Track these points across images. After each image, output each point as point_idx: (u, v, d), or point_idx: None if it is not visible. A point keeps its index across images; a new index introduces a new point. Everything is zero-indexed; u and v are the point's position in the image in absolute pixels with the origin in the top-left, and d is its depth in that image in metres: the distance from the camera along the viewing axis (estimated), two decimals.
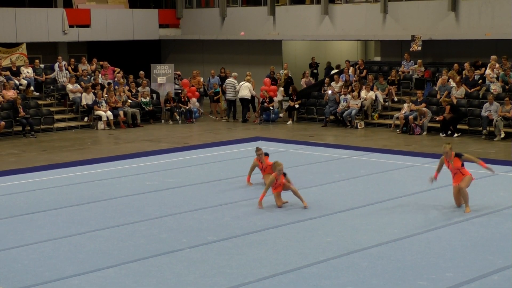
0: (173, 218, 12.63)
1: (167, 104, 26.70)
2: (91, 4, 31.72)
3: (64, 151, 20.54)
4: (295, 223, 12.18)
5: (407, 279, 9.42)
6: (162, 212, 13.03)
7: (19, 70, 26.42)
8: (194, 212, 13.05)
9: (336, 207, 13.25)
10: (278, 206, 13.37)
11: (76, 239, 11.40)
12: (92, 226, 12.16)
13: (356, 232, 11.59)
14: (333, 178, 15.92)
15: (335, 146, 20.49)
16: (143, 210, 13.25)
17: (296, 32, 30.02)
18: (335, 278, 9.48)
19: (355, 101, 24.68)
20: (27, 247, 11.01)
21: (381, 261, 10.12)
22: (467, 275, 9.50)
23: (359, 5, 28.49)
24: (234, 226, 12.02)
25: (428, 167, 17.15)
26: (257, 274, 9.64)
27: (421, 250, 10.61)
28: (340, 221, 12.36)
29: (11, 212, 13.18)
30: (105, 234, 11.71)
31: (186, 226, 12.12)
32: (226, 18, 32.27)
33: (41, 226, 12.22)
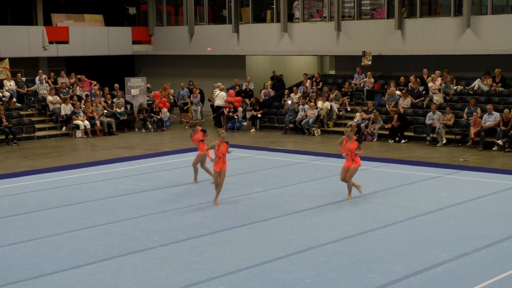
0: (145, 219, 12.54)
1: (140, 114, 26.53)
2: (69, 22, 31.45)
3: (44, 158, 20.28)
4: (258, 222, 12.18)
5: (360, 272, 9.47)
6: (136, 213, 12.93)
7: (2, 83, 26.04)
8: (165, 213, 12.97)
9: (295, 207, 13.27)
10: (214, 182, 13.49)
11: (56, 239, 11.26)
12: (71, 226, 12.02)
13: (314, 230, 11.63)
14: (292, 180, 15.95)
15: (294, 152, 20.54)
16: (118, 211, 13.14)
17: (258, 48, 30.06)
18: (295, 272, 9.50)
19: (312, 111, 24.77)
20: (10, 247, 10.84)
21: (336, 256, 10.16)
22: (413, 268, 9.58)
23: (315, 24, 28.64)
24: (202, 226, 11.98)
25: (379, 170, 17.29)
26: (223, 270, 9.61)
27: (372, 246, 10.68)
28: (299, 220, 12.39)
29: None
30: (83, 234, 11.58)
31: (158, 226, 12.04)
32: (194, 35, 32.20)
33: (23, 227, 12.04)
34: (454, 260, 9.90)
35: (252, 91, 28.02)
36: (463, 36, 24.45)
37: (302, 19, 28.93)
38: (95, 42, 31.41)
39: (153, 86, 28.98)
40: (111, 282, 9.18)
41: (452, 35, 24.72)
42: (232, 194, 14.55)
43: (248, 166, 18.14)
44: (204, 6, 32.28)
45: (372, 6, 27.19)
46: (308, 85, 26.82)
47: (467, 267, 9.62)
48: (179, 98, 28.53)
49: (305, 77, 27.39)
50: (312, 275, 9.34)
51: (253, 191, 14.88)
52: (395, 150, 20.77)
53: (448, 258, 10.02)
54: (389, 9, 26.44)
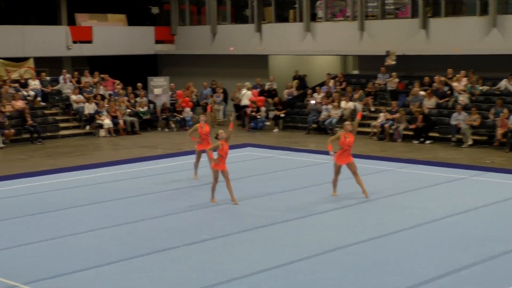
0: (168, 218, 12.55)
1: (163, 113, 26.60)
2: (93, 22, 31.61)
3: (67, 157, 20.40)
4: (282, 223, 12.13)
5: (384, 274, 9.38)
6: (158, 213, 12.94)
7: (27, 82, 26.25)
8: (187, 212, 12.98)
9: (319, 208, 13.21)
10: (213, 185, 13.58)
11: (78, 238, 11.31)
12: (93, 225, 12.06)
13: (338, 231, 11.55)
14: (315, 181, 15.87)
15: (317, 152, 20.45)
16: (140, 211, 13.16)
17: (281, 48, 29.99)
18: (319, 273, 9.44)
19: (336, 111, 24.66)
20: (32, 245, 10.91)
21: (360, 258, 10.08)
22: (438, 271, 9.47)
23: (338, 23, 28.51)
24: (226, 226, 11.95)
25: (402, 171, 17.16)
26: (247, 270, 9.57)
27: (396, 248, 10.58)
28: (323, 220, 12.33)
29: (18, 213, 13.06)
30: (105, 233, 11.62)
31: (181, 225, 12.04)
32: (217, 34, 32.21)
33: (45, 226, 12.13)
34: (480, 264, 9.77)
35: (276, 90, 27.96)
36: (489, 36, 24.18)
37: (325, 18, 28.81)
38: (118, 42, 31.56)
39: (175, 86, 29.03)
40: (133, 282, 9.18)
41: (477, 35, 24.46)
42: (255, 194, 14.51)
43: (270, 166, 18.10)
44: (226, 5, 32.30)
45: (396, 5, 27.00)
46: (331, 85, 26.71)
47: (493, 271, 9.49)
48: (201, 97, 28.57)
49: (328, 77, 27.29)
50: (336, 277, 9.27)
51: (276, 191, 14.83)
52: (419, 151, 20.60)
53: (474, 261, 9.89)
54: (414, 8, 26.23)
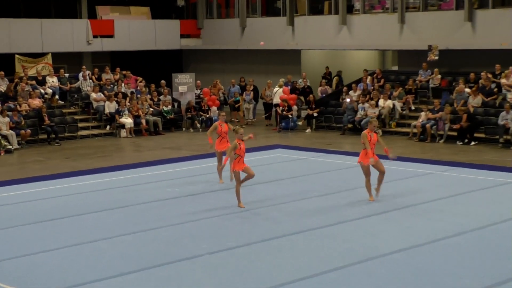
0: (193, 224, 12.60)
1: (188, 112, 26.73)
2: (115, 15, 31.84)
3: (87, 159, 20.60)
4: (314, 230, 12.09)
5: (424, 286, 9.30)
6: (183, 218, 13.00)
7: (45, 79, 26.55)
8: (214, 218, 13.01)
9: (354, 214, 13.16)
10: (238, 181, 13.69)
11: (99, 244, 11.40)
12: (114, 231, 12.16)
13: (374, 239, 11.49)
14: (351, 185, 15.80)
15: (353, 154, 20.31)
16: (164, 216, 13.24)
17: (315, 42, 29.94)
18: (353, 284, 9.39)
19: (373, 110, 24.55)
20: (51, 252, 11.02)
21: (398, 268, 10.01)
22: (484, 282, 9.37)
23: (377, 16, 28.38)
24: (253, 232, 11.97)
25: (445, 174, 17.02)
26: (276, 280, 9.57)
27: (438, 257, 10.49)
28: (358, 227, 12.27)
29: (36, 218, 13.22)
30: (127, 239, 11.70)
31: (206, 232, 12.08)
32: (246, 28, 32.28)
33: (64, 232, 12.24)
34: None
35: (311, 88, 27.93)
36: None
37: (362, 10, 28.70)
38: (141, 36, 31.76)
39: (202, 83, 29.16)
40: None
41: None
42: (285, 199, 14.51)
43: (302, 169, 18.08)
44: None
45: None
46: (368, 82, 26.61)
47: None
48: (229, 95, 28.64)
49: (365, 73, 27.18)
50: None
51: (308, 196, 14.81)
52: (464, 153, 20.41)
53: None
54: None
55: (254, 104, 28.28)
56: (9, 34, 27.88)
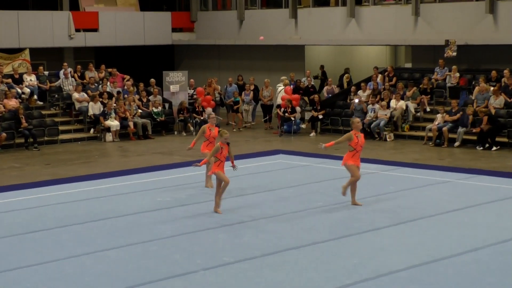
0: (186, 237, 12.63)
1: (181, 114, 26.78)
2: (99, 6, 31.92)
3: (69, 165, 20.64)
4: (319, 243, 12.13)
5: None
6: (175, 231, 13.03)
7: (22, 77, 26.58)
8: (208, 230, 13.04)
9: (362, 227, 13.19)
10: (212, 186, 14.43)
11: (82, 260, 11.41)
12: (99, 245, 12.18)
13: (385, 253, 11.53)
14: (359, 194, 15.80)
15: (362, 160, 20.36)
16: (154, 228, 13.27)
17: (320, 37, 30.00)
18: None
19: (384, 111, 24.61)
20: (29, 269, 11.03)
21: (412, 286, 10.05)
22: None
23: (389, 7, 28.45)
24: (253, 246, 12.00)
25: (464, 183, 17.06)
26: None
27: (456, 274, 10.53)
28: (367, 241, 12.31)
29: (12, 231, 13.23)
30: (113, 254, 11.72)
31: (201, 245, 12.12)
32: (244, 21, 32.35)
33: (44, 246, 12.26)
34: None
35: (315, 87, 27.98)
36: None
37: (372, 1, 28.79)
38: (129, 30, 31.83)
39: (196, 82, 29.22)
40: None
41: None
42: (287, 209, 14.55)
43: (306, 176, 18.12)
44: None
45: None
46: (379, 80, 26.66)
47: None
48: (226, 95, 28.70)
49: (375, 71, 27.24)
50: None
51: (312, 206, 14.85)
52: (484, 159, 20.46)
53: None
54: None
55: (254, 105, 28.34)
56: None
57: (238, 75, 29.76)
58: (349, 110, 25.99)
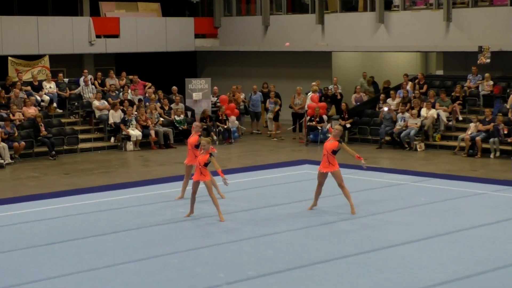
0: (209, 250, 12.60)
1: (203, 123, 26.80)
2: (121, 12, 32.06)
3: (89, 175, 20.71)
4: (346, 257, 12.06)
5: None
6: (197, 243, 13.01)
7: (41, 85, 26.76)
8: (232, 243, 13.01)
9: (392, 240, 13.10)
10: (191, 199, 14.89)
11: (101, 273, 11.43)
12: (119, 258, 12.19)
13: (418, 269, 11.43)
14: (388, 206, 15.75)
15: (391, 171, 20.31)
16: (175, 241, 13.26)
17: (348, 43, 29.94)
18: None
19: (414, 120, 24.48)
20: (47, 282, 11.06)
21: None
22: None
23: (419, 12, 28.33)
24: (278, 259, 11.95)
25: (498, 195, 16.91)
26: None
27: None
28: (397, 255, 12.21)
29: (30, 242, 13.29)
30: (133, 267, 11.72)
31: (224, 258, 12.08)
32: (269, 27, 32.36)
33: (62, 258, 12.29)
34: None
35: (342, 95, 27.92)
36: None
37: (402, 6, 28.68)
38: (151, 36, 31.94)
39: (219, 89, 29.26)
40: None
41: None
42: (313, 221, 14.49)
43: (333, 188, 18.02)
44: None
45: None
46: (409, 88, 26.54)
47: None
48: (250, 104, 28.71)
49: (405, 78, 27.12)
50: None
51: (340, 218, 14.78)
52: None
53: None
54: None
55: None
56: (1, 33, 28.11)
57: (263, 83, 29.76)
58: (378, 119, 25.89)
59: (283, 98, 28.81)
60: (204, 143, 14.50)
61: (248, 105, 28.86)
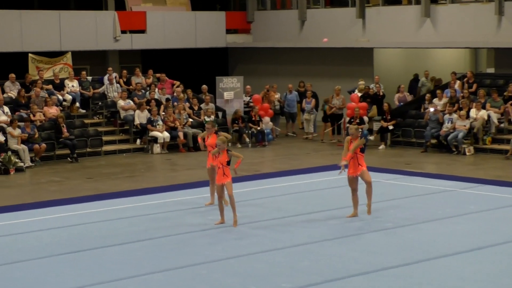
0: (239, 260, 12.62)
1: (235, 124, 26.85)
2: (147, 6, 32.22)
3: (113, 179, 20.83)
4: (389, 269, 12.00)
5: None
6: (227, 253, 13.03)
7: (63, 83, 26.97)
8: (264, 253, 13.01)
9: (438, 251, 13.02)
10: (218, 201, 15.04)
11: (125, 284, 11.49)
12: (144, 268, 12.24)
13: (466, 283, 11.34)
14: (435, 215, 15.66)
15: (437, 176, 20.19)
16: (204, 250, 13.28)
17: (390, 39, 29.84)
18: None
19: (463, 122, 24.32)
20: None
21: None
22: None
23: (468, 6, 28.15)
24: (313, 271, 11.93)
25: None
26: None
27: None
28: (444, 268, 12.14)
29: (50, 251, 13.39)
30: (159, 278, 11.76)
31: (255, 269, 12.09)
32: (306, 21, 32.35)
33: (84, 268, 12.36)
34: None
35: (384, 95, 27.83)
36: None
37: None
38: (179, 31, 32.06)
39: (252, 88, 29.29)
40: None
41: None
42: (352, 231, 14.45)
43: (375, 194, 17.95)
44: None
45: None
46: (457, 87, 26.38)
47: None
48: (285, 104, 28.71)
49: (453, 77, 26.98)
50: None
51: (381, 227, 14.72)
52: None
53: None
54: None
55: (315, 114, 28.30)
56: (21, 29, 28.40)
57: (299, 81, 29.74)
58: (423, 120, 25.76)
59: (320, 98, 28.78)
60: (219, 142, 14.65)
61: (283, 106, 28.85)
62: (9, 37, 28.02)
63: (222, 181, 14.72)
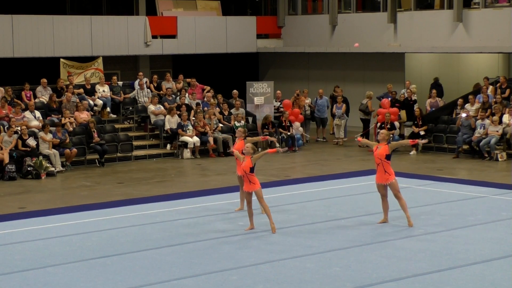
0: (270, 266, 12.62)
1: (265, 129, 26.87)
2: (178, 11, 32.34)
3: (143, 184, 20.93)
4: (419, 276, 11.95)
5: None
6: (258, 259, 13.04)
7: (94, 88, 27.15)
8: (296, 259, 13.01)
9: (470, 257, 12.95)
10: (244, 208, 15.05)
11: None
12: (174, 273, 12.29)
13: None
14: (467, 221, 15.58)
15: (469, 183, 20.08)
16: (235, 255, 13.30)
17: (422, 43, 29.73)
18: None
19: (495, 128, 24.18)
20: None
21: None
22: None
23: (502, 10, 27.97)
24: (344, 277, 11.92)
25: None
26: None
27: None
28: (475, 275, 12.07)
29: (81, 255, 13.47)
30: (190, 283, 11.79)
31: (287, 276, 12.08)
32: (337, 26, 32.31)
33: (115, 273, 12.42)
34: None
35: (416, 100, 27.72)
36: None
37: (483, 4, 28.38)
38: (210, 36, 32.14)
39: (282, 93, 29.31)
40: None
41: None
42: (383, 237, 14.41)
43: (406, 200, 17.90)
44: None
45: None
46: (490, 92, 26.23)
47: None
48: (316, 109, 28.70)
49: (486, 82, 26.82)
50: None
51: (413, 233, 14.66)
52: None
53: None
54: None
55: (346, 119, 28.26)
56: (52, 34, 28.61)
57: (334, 86, 29.69)
58: (454, 126, 25.63)
59: (351, 103, 28.74)
60: (246, 149, 14.84)
61: (314, 111, 28.84)
62: (41, 42, 28.25)
63: (249, 189, 14.78)
